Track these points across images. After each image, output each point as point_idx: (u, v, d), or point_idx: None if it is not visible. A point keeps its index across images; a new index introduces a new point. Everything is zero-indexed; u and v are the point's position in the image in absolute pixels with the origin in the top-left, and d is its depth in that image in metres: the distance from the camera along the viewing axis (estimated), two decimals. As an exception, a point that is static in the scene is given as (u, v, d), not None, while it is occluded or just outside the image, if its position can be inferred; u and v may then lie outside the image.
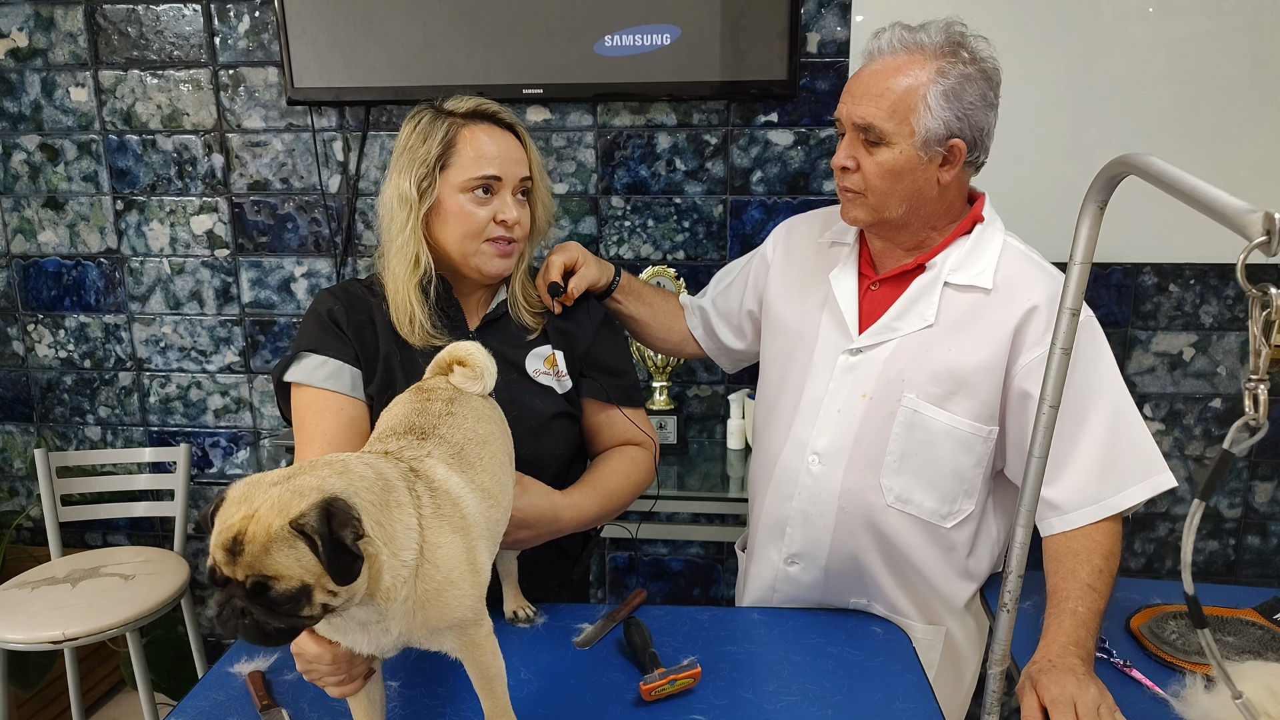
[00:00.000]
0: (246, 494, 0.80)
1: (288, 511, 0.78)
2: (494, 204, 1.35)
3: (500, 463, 1.12)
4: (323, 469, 0.85)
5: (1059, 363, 1.00)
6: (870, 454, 1.39)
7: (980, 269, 1.35)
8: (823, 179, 2.47)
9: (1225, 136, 2.25)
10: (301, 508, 0.78)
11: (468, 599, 0.94)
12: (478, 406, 1.15)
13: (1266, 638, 1.31)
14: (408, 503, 0.89)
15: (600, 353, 1.49)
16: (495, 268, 1.37)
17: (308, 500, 0.79)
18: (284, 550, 0.77)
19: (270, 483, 0.81)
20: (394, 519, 0.87)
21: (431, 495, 0.93)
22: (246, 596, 0.78)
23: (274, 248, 2.65)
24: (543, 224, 1.45)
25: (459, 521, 0.94)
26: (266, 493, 0.79)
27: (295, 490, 0.79)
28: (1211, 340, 2.47)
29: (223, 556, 0.77)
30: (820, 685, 1.23)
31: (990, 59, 1.33)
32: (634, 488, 1.47)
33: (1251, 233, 0.70)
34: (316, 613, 0.81)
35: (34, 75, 2.58)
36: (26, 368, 2.79)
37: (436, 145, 1.33)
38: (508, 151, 1.36)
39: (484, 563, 0.98)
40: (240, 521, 0.77)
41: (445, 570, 0.91)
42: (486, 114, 1.37)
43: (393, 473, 0.91)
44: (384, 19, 2.38)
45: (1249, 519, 2.57)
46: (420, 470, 0.96)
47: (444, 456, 1.00)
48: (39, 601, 2.20)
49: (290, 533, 0.77)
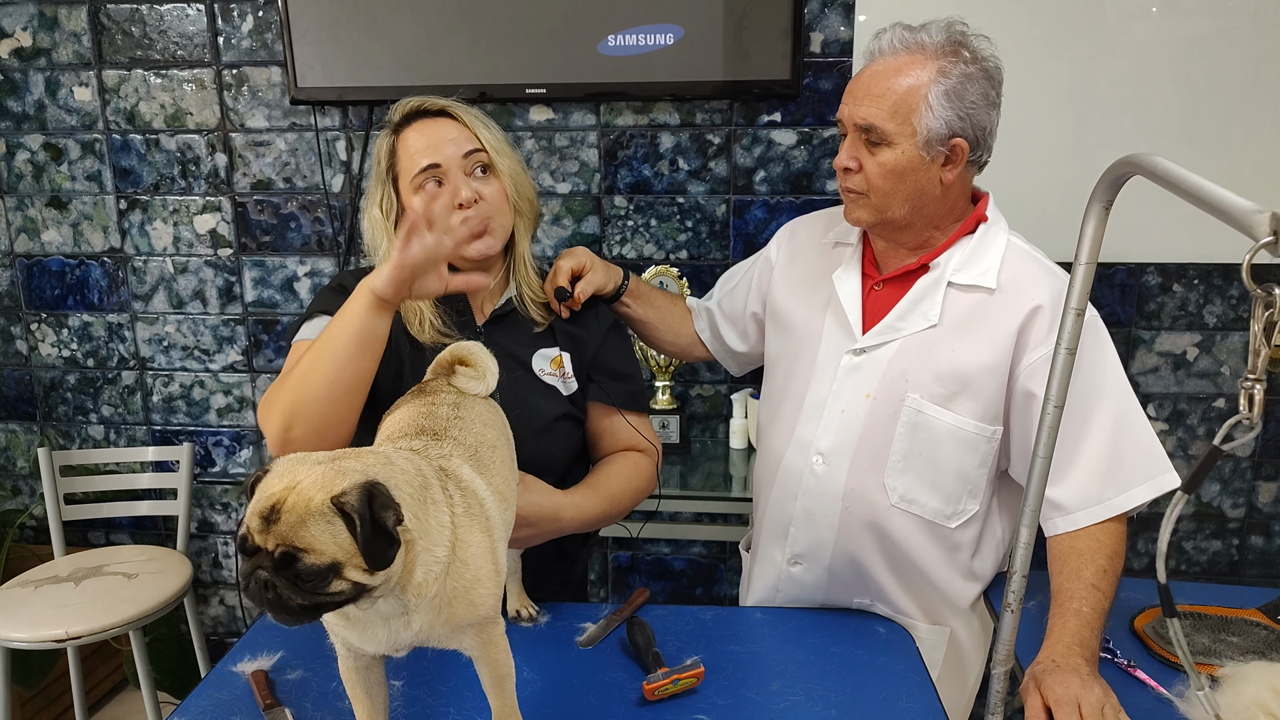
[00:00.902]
0: (291, 468, 0.80)
1: (331, 488, 0.78)
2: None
3: (508, 465, 1.13)
4: (367, 456, 0.85)
5: (1064, 363, 1.00)
6: (874, 454, 1.39)
7: (984, 269, 1.35)
8: (826, 179, 2.46)
9: (1228, 136, 2.25)
10: (344, 485, 0.78)
11: (491, 596, 0.94)
12: (482, 411, 1.14)
13: (1271, 638, 1.31)
14: (442, 500, 0.90)
15: (607, 358, 1.48)
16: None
17: (351, 480, 0.79)
18: (320, 525, 0.77)
19: (315, 461, 0.81)
20: (429, 515, 0.87)
21: (462, 494, 0.94)
22: (274, 568, 0.77)
23: (277, 247, 2.65)
24: (515, 191, 1.39)
25: (485, 521, 0.95)
26: (311, 469, 0.80)
27: (340, 470, 0.80)
28: (1215, 340, 2.47)
29: (258, 524, 0.77)
30: (824, 685, 1.22)
31: (992, 58, 1.33)
32: (636, 493, 1.46)
33: (1258, 233, 0.70)
34: (344, 592, 0.80)
35: (38, 75, 2.58)
36: (30, 367, 2.80)
37: (384, 160, 1.37)
38: (440, 136, 1.34)
39: (503, 563, 0.99)
40: (281, 491, 0.77)
41: (474, 568, 0.92)
42: (414, 111, 1.38)
43: (428, 470, 0.92)
44: (387, 18, 2.38)
45: (1253, 519, 2.57)
46: (449, 470, 0.96)
47: (464, 458, 1.01)
48: (42, 600, 2.20)
49: (330, 508, 0.77)
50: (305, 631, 1.34)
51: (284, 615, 0.79)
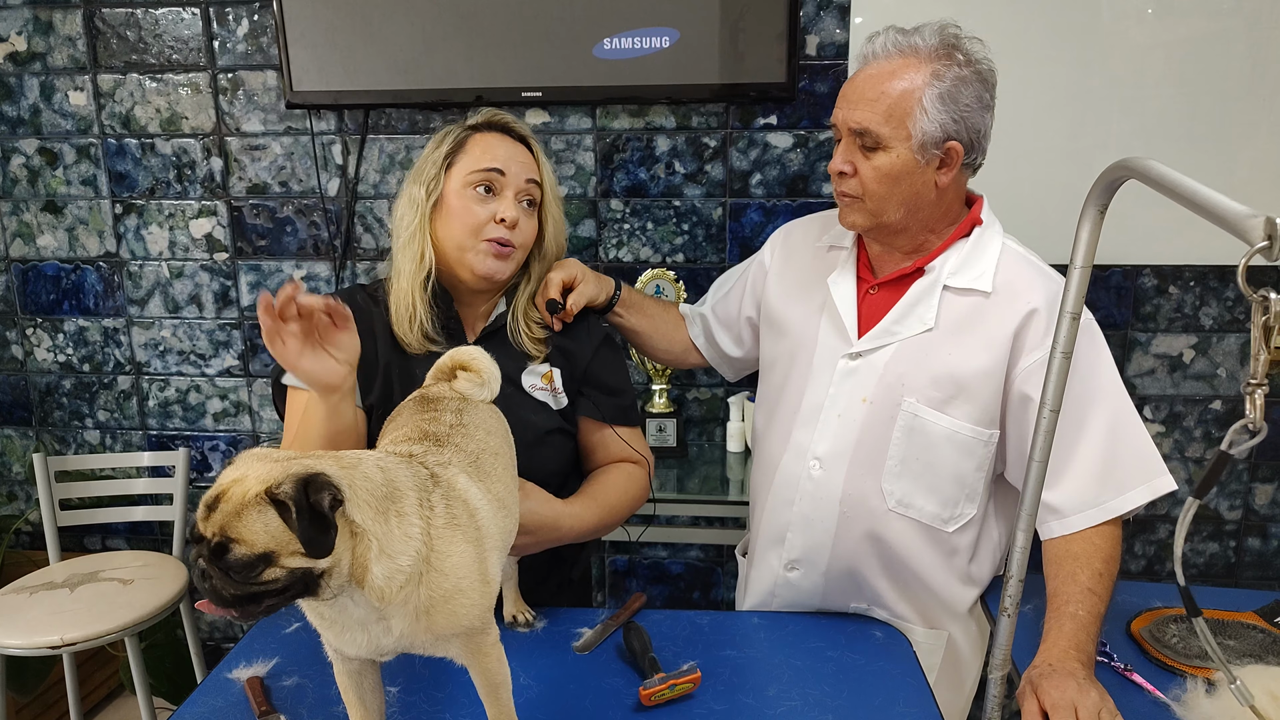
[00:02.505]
0: (248, 462, 0.82)
1: (268, 480, 0.79)
2: (494, 203, 1.36)
3: (509, 472, 1.12)
4: (329, 459, 0.86)
5: (1059, 367, 1.00)
6: (871, 459, 1.39)
7: (979, 272, 1.35)
8: (822, 181, 2.46)
9: (1224, 138, 2.25)
10: (282, 476, 0.79)
11: (476, 607, 0.94)
12: (485, 417, 1.14)
13: (1268, 641, 1.30)
14: (413, 513, 0.89)
15: (598, 372, 1.48)
16: (488, 267, 1.36)
17: (292, 472, 0.80)
18: (252, 515, 0.78)
19: (274, 459, 0.82)
20: (392, 522, 0.87)
21: (448, 504, 0.93)
22: (209, 556, 0.78)
23: (273, 251, 2.65)
24: (551, 243, 1.46)
25: (473, 531, 0.94)
26: (265, 465, 0.81)
27: (287, 467, 0.81)
28: (1211, 342, 2.47)
29: (202, 512, 0.79)
30: (820, 690, 1.22)
31: (985, 60, 1.32)
32: (631, 503, 1.47)
33: (1253, 238, 0.70)
34: (279, 580, 0.80)
35: (33, 79, 2.58)
36: (25, 371, 2.79)
37: (447, 147, 1.38)
38: (515, 154, 1.39)
39: (495, 573, 0.98)
40: (229, 483, 0.79)
41: (454, 579, 0.91)
42: (500, 124, 1.41)
43: (407, 481, 0.91)
44: (383, 22, 2.38)
45: (1249, 521, 2.57)
46: (442, 477, 0.96)
47: (463, 465, 1.00)
48: (37, 606, 2.19)
49: (263, 499, 0.78)
50: (301, 638, 1.34)
51: (219, 603, 0.80)
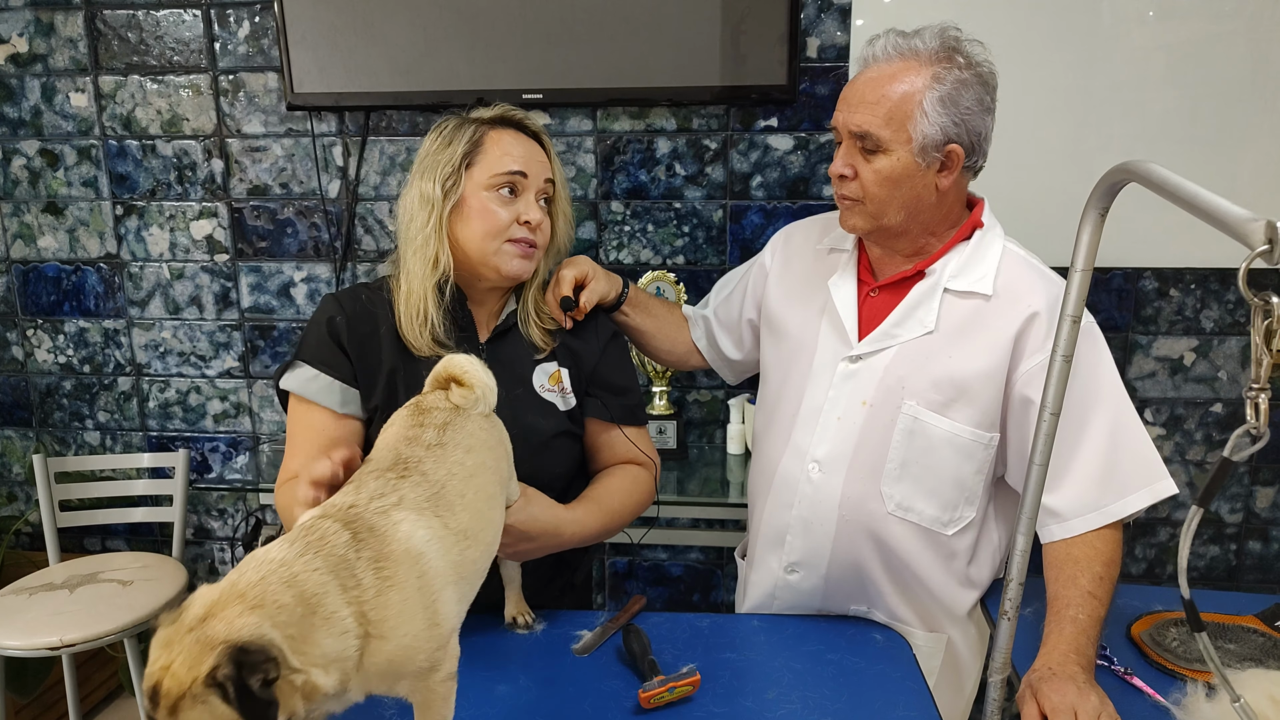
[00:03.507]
0: (166, 643, 0.80)
1: (197, 667, 0.77)
2: (517, 204, 1.36)
3: (487, 495, 1.08)
4: (235, 607, 0.83)
5: (1060, 370, 1.00)
6: (871, 462, 1.38)
7: (980, 275, 1.35)
8: (822, 184, 2.46)
9: (1225, 141, 2.25)
10: (210, 662, 0.77)
11: (422, 653, 0.93)
12: (472, 432, 1.11)
13: (1268, 645, 1.30)
14: (338, 606, 0.87)
15: (606, 371, 1.48)
16: (515, 268, 1.37)
17: (215, 653, 0.78)
18: (195, 706, 0.77)
19: (186, 628, 0.80)
20: (320, 638, 0.85)
21: (377, 570, 0.90)
22: None
23: (273, 253, 2.65)
24: (562, 238, 1.46)
25: (414, 581, 0.92)
26: (182, 642, 0.79)
27: (205, 642, 0.79)
28: (1212, 345, 2.47)
29: (148, 704, 0.78)
30: (820, 693, 1.22)
31: (986, 63, 1.32)
32: (635, 507, 1.46)
33: (1253, 241, 0.69)
34: None
35: (34, 80, 2.58)
36: (26, 373, 2.79)
37: (463, 145, 1.36)
38: (532, 154, 1.38)
39: (446, 612, 0.95)
40: (158, 672, 0.78)
41: (396, 639, 0.90)
42: (513, 120, 1.41)
43: (317, 577, 0.87)
44: (384, 24, 2.38)
45: (1250, 524, 2.56)
46: (377, 528, 0.93)
47: (416, 502, 0.97)
48: (37, 607, 2.19)
49: (201, 687, 0.77)
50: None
51: None
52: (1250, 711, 0.92)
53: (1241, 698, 0.90)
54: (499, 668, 1.27)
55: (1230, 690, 0.88)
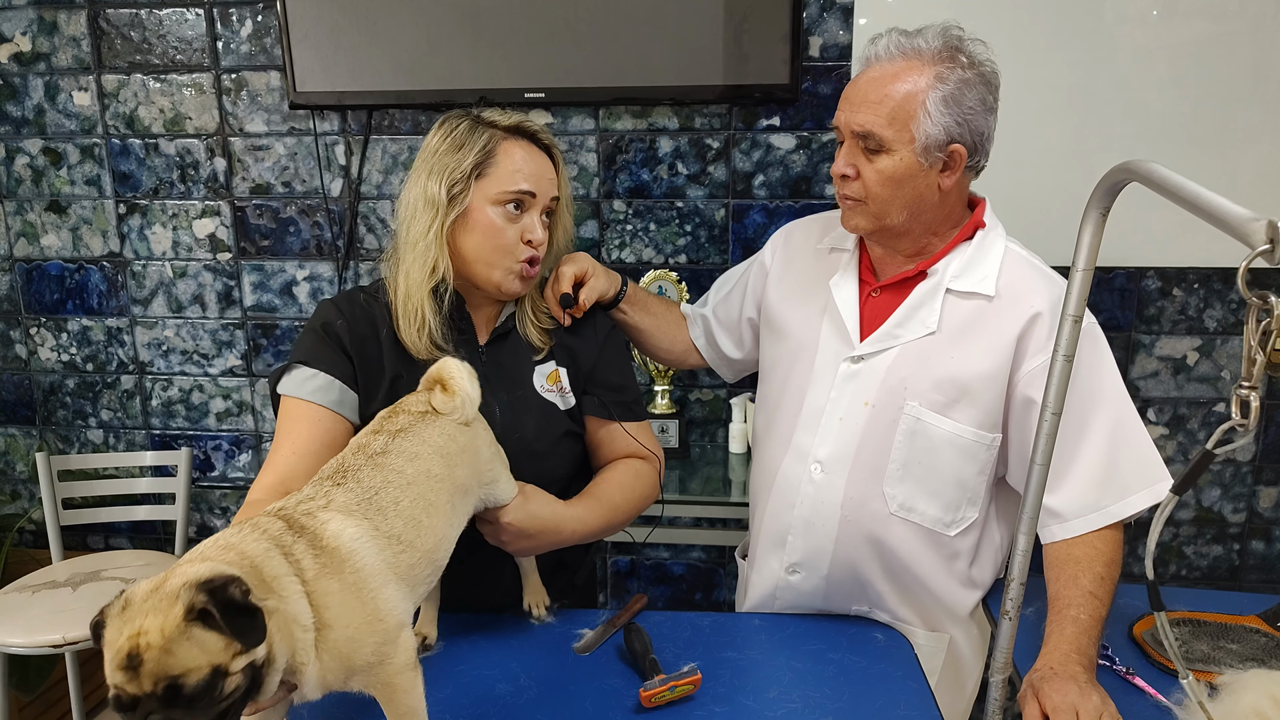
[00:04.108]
0: (124, 614, 0.80)
1: (172, 608, 0.78)
2: (523, 222, 1.35)
3: (427, 503, 1.07)
4: (183, 565, 0.85)
5: (1061, 370, 1.00)
6: (873, 462, 1.38)
7: (982, 275, 1.35)
8: (824, 183, 2.46)
9: (1227, 141, 2.25)
10: (186, 599, 0.79)
11: (366, 646, 0.94)
12: (428, 439, 1.12)
13: (1270, 645, 1.30)
14: (283, 572, 0.89)
15: (604, 368, 1.47)
16: (515, 288, 1.37)
17: (185, 591, 0.79)
18: (183, 644, 0.78)
19: (142, 598, 0.81)
20: (281, 586, 0.87)
21: (315, 555, 0.92)
22: (163, 705, 0.77)
23: (276, 251, 2.65)
24: (561, 247, 1.46)
25: (350, 576, 0.94)
26: (141, 606, 0.79)
27: (168, 592, 0.80)
28: (1215, 345, 2.46)
29: (124, 677, 0.77)
30: (821, 692, 1.22)
31: (989, 62, 1.32)
32: (639, 501, 1.45)
33: (1254, 241, 0.69)
34: (240, 685, 0.81)
35: (37, 79, 2.58)
36: (29, 371, 2.80)
37: (474, 153, 1.32)
38: (543, 171, 1.37)
39: (388, 608, 0.97)
40: (129, 640, 0.77)
41: (339, 629, 0.92)
42: (528, 131, 1.38)
43: (256, 546, 0.89)
44: (386, 23, 2.38)
45: (1253, 524, 2.56)
46: (307, 526, 0.95)
47: (344, 505, 0.99)
48: (40, 605, 2.20)
49: (183, 624, 0.78)
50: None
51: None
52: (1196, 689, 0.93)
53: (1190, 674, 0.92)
54: (500, 666, 1.28)
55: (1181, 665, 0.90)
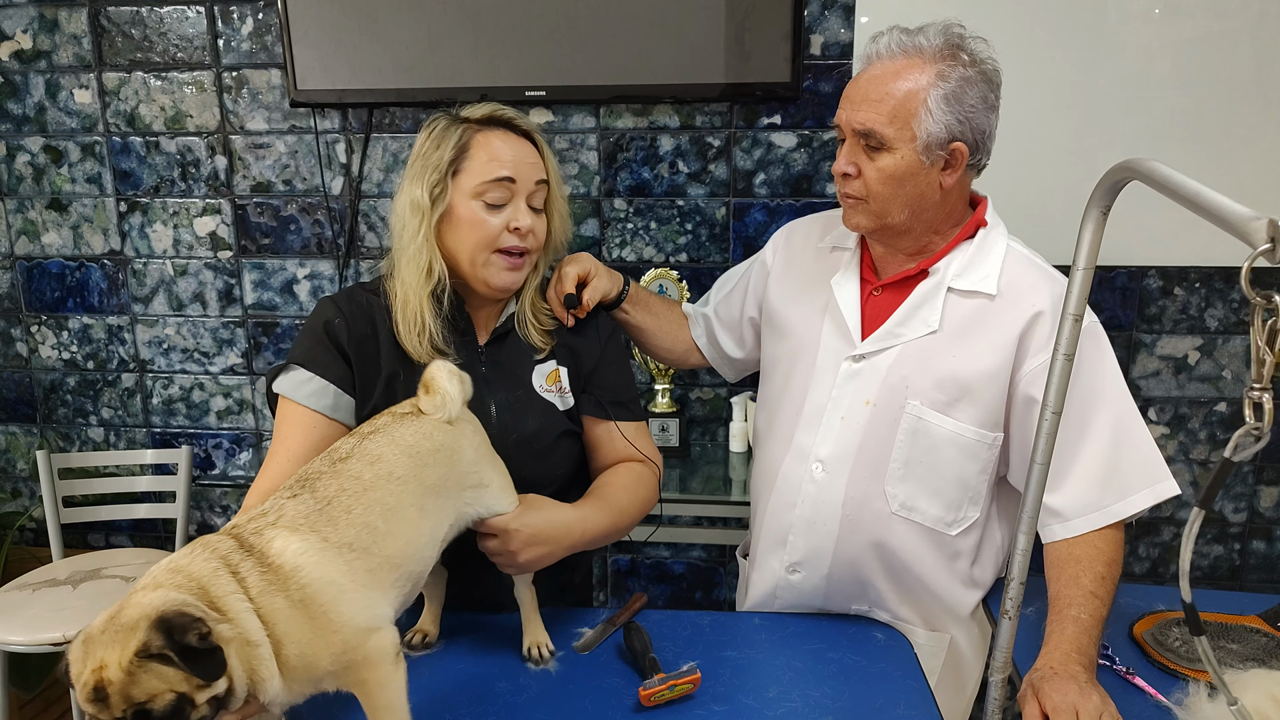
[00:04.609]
0: (85, 649, 0.83)
1: (128, 645, 0.82)
2: (507, 211, 1.32)
3: (384, 508, 1.06)
4: (137, 594, 0.87)
5: (1061, 369, 1.00)
6: (874, 461, 1.38)
7: (984, 274, 1.35)
8: (825, 181, 2.46)
9: (1230, 139, 2.24)
10: (140, 638, 0.82)
11: (322, 658, 0.95)
12: (398, 437, 1.12)
13: (1271, 645, 1.30)
14: (231, 591, 0.91)
15: (606, 369, 1.46)
16: (503, 281, 1.34)
17: (141, 628, 0.82)
18: (142, 676, 0.81)
19: (100, 630, 0.84)
20: (228, 605, 0.89)
21: (261, 573, 0.94)
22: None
23: (277, 249, 2.65)
24: (559, 237, 1.42)
25: (296, 592, 0.95)
26: (100, 639, 0.83)
27: (125, 624, 0.83)
28: (1217, 344, 2.46)
29: (95, 707, 0.81)
30: (821, 691, 1.22)
31: (990, 60, 1.32)
32: (642, 505, 1.43)
33: (1256, 240, 0.69)
34: (207, 712, 0.85)
35: (38, 77, 2.58)
36: (30, 369, 2.80)
37: (450, 150, 1.31)
38: (522, 156, 1.33)
39: (348, 616, 0.97)
40: (92, 674, 0.81)
41: (291, 642, 0.93)
42: (502, 120, 1.35)
43: (204, 567, 0.91)
44: (387, 21, 2.38)
45: (1254, 524, 2.56)
46: (255, 545, 0.96)
47: (292, 521, 1.00)
48: (40, 603, 2.20)
49: (141, 661, 0.81)
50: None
51: None
52: (1246, 713, 0.92)
53: (1239, 701, 0.90)
54: (500, 664, 1.28)
55: (1228, 693, 0.88)
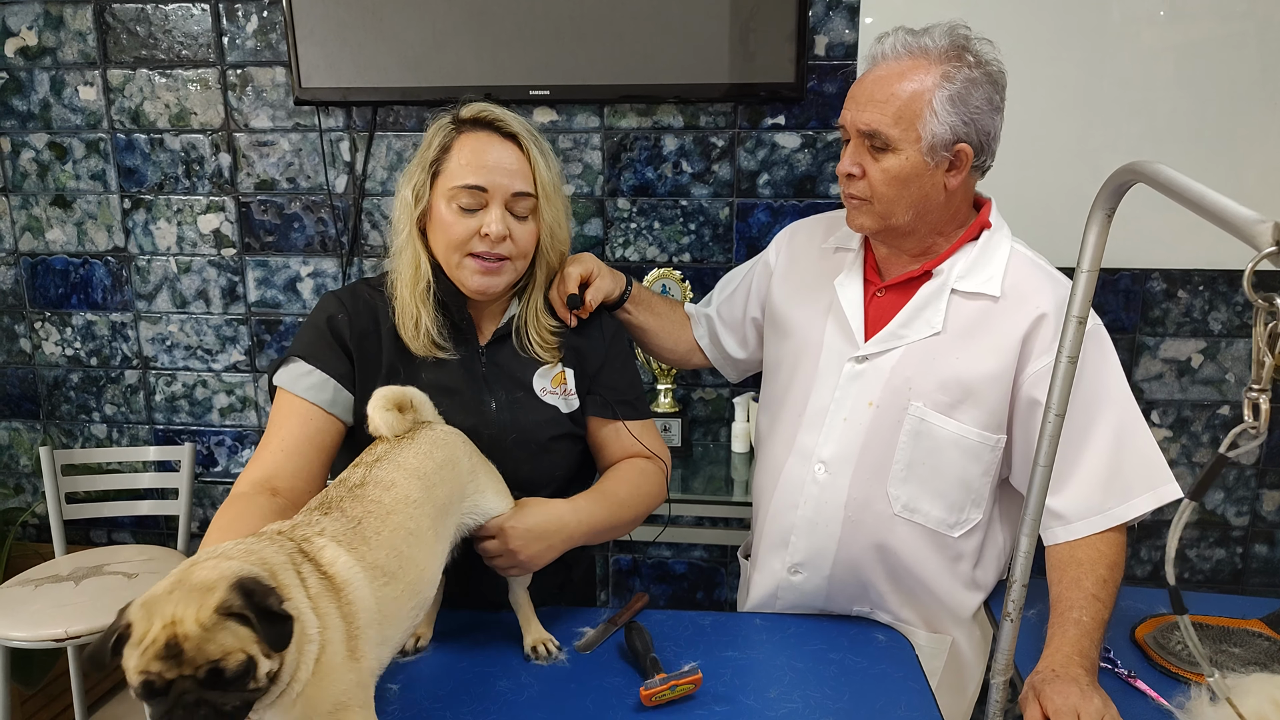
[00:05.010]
0: (148, 610, 0.81)
1: (206, 602, 0.81)
2: (479, 216, 1.30)
3: (406, 531, 1.05)
4: (207, 563, 0.86)
5: (1065, 372, 1.00)
6: (877, 463, 1.38)
7: (988, 276, 1.34)
8: (829, 182, 2.46)
9: (1234, 141, 2.24)
10: (220, 596, 0.81)
11: (339, 684, 0.92)
12: (402, 462, 1.11)
13: (1273, 649, 1.30)
14: (294, 585, 0.90)
15: (610, 369, 1.46)
16: (475, 284, 1.32)
17: (221, 587, 0.82)
18: (222, 633, 0.81)
19: (166, 591, 0.82)
20: (291, 596, 0.88)
21: (319, 578, 0.93)
22: (200, 687, 0.80)
23: (280, 247, 2.65)
24: (549, 246, 1.39)
25: (345, 606, 0.94)
26: (171, 599, 0.81)
27: (201, 586, 0.82)
28: (1220, 347, 2.46)
29: (162, 665, 0.79)
30: (822, 692, 1.22)
31: (995, 62, 1.32)
32: (644, 498, 1.42)
33: (1261, 243, 0.69)
34: (262, 684, 0.84)
35: (43, 74, 2.59)
36: (33, 365, 2.80)
37: (434, 150, 1.32)
38: (499, 162, 1.30)
39: (365, 649, 0.95)
40: (163, 631, 0.80)
41: (328, 654, 0.91)
42: (486, 120, 1.33)
43: (276, 557, 0.91)
44: (392, 19, 2.38)
45: (1256, 527, 2.55)
46: (309, 552, 0.95)
47: (335, 534, 0.99)
48: (42, 599, 2.20)
49: (219, 618, 0.81)
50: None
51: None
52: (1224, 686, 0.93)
53: (1215, 673, 0.91)
54: (500, 663, 1.28)
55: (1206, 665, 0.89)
